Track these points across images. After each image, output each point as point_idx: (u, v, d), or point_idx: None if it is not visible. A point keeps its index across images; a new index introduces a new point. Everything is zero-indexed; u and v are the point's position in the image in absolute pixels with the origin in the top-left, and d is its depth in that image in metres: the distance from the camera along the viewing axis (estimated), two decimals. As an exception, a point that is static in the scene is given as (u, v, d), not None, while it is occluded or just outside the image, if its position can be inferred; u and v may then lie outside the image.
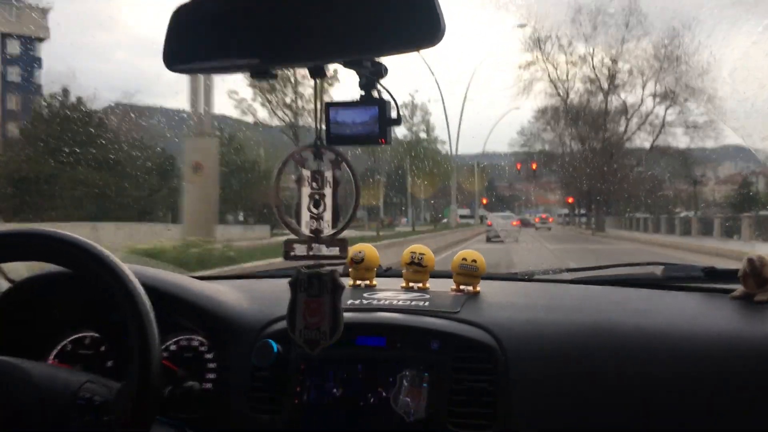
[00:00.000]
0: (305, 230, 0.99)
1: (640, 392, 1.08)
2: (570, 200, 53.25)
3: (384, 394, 1.16)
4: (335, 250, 0.99)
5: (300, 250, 0.98)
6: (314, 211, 0.99)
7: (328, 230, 0.99)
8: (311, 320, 1.00)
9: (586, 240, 26.90)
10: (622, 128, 40.22)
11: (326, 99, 1.01)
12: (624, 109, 39.75)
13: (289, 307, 1.01)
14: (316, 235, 0.98)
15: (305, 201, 0.99)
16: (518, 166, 48.13)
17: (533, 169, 48.31)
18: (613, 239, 28.08)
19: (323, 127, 0.99)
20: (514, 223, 28.83)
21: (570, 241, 25.15)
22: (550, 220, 51.38)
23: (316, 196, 0.99)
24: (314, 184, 1.00)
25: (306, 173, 1.00)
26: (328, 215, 1.00)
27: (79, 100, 22.71)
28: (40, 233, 1.04)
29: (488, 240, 23.75)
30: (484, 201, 55.80)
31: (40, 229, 1.04)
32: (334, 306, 0.99)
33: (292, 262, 1.00)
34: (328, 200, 0.99)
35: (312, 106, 1.04)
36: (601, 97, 39.68)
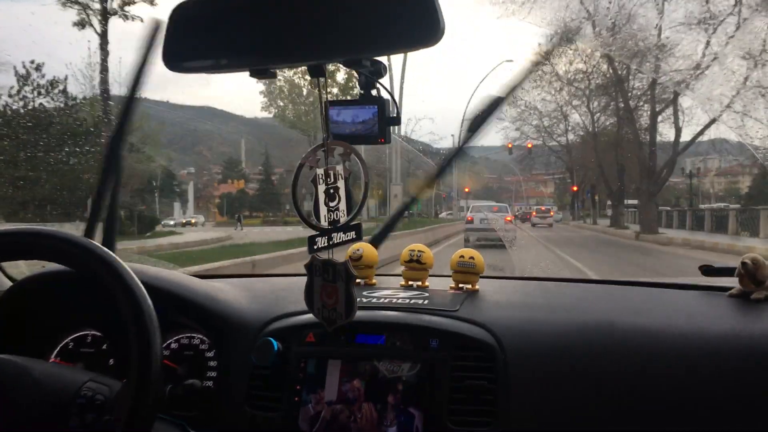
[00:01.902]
0: (324, 223, 1.06)
1: (639, 391, 1.09)
2: (575, 188, 43.91)
3: (383, 392, 1.17)
4: (351, 234, 1.07)
5: (322, 242, 1.06)
6: (331, 204, 1.06)
7: (343, 218, 1.06)
8: (328, 301, 1.09)
9: (645, 252, 15.75)
10: (691, 58, 14.87)
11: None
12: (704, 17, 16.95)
13: (305, 288, 1.11)
14: (334, 225, 1.06)
15: (322, 197, 1.06)
16: (509, 146, 37.87)
17: (528, 149, 38.33)
18: (690, 248, 15.69)
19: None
20: (508, 218, 19.44)
21: (617, 257, 14.36)
22: (551, 213, 39.98)
23: (331, 190, 1.06)
24: (328, 180, 1.06)
25: (320, 172, 1.05)
26: (342, 205, 1.06)
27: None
28: (41, 232, 1.04)
29: (467, 243, 14.59)
30: (467, 189, 47.48)
31: (41, 229, 1.05)
32: (348, 292, 1.07)
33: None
34: (342, 192, 1.06)
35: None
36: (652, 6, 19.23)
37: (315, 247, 1.06)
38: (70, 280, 1.28)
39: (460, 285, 1.41)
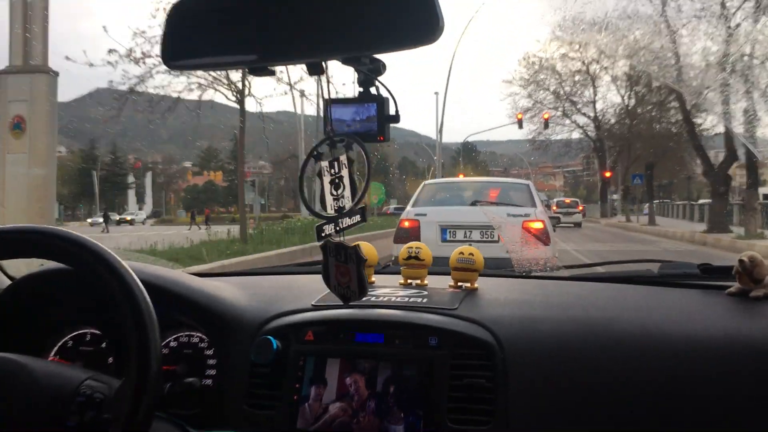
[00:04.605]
0: (331, 212, 1.10)
1: (638, 389, 1.09)
2: (608, 174, 32.37)
3: (383, 390, 1.17)
4: (356, 218, 1.10)
5: (329, 229, 1.11)
6: (335, 192, 1.09)
7: (348, 204, 1.09)
8: (342, 280, 1.13)
9: None
10: None
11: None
12: None
13: (323, 266, 1.16)
14: (340, 212, 1.09)
15: (327, 188, 1.10)
16: (518, 117, 28.31)
17: (545, 120, 29.52)
18: None
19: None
20: (533, 226, 6.18)
21: None
22: (579, 208, 30.22)
23: (336, 180, 1.09)
24: (333, 171, 1.09)
25: (324, 164, 1.10)
26: (347, 192, 1.09)
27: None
28: (39, 230, 1.04)
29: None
30: (461, 176, 31.23)
31: (39, 226, 1.05)
32: (359, 272, 1.11)
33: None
34: (346, 180, 1.09)
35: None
36: None
37: (323, 234, 1.10)
38: (69, 279, 1.28)
39: (459, 283, 1.41)
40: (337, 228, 1.10)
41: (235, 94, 13.37)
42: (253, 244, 12.24)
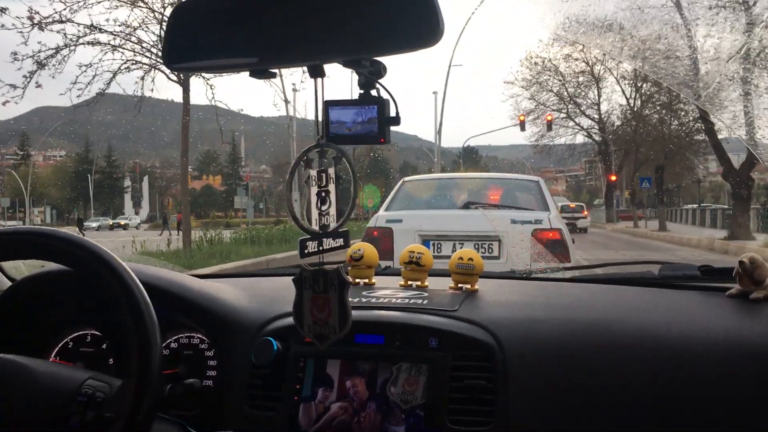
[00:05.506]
0: (316, 227, 1.03)
1: (638, 390, 1.09)
2: (613, 177, 30.90)
3: (383, 391, 1.17)
4: (339, 242, 1.04)
5: (312, 246, 1.03)
6: (322, 208, 1.03)
7: (333, 224, 1.04)
8: (319, 316, 1.04)
9: None
10: None
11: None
12: None
13: (294, 303, 1.05)
14: (324, 230, 1.03)
15: (314, 200, 1.04)
16: (521, 119, 26.87)
17: (548, 122, 27.92)
18: None
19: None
20: (547, 236, 4.71)
21: None
22: (585, 213, 29.02)
23: (323, 194, 1.03)
24: (320, 183, 1.04)
25: (313, 173, 1.04)
26: (332, 210, 1.04)
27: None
28: (40, 232, 1.04)
29: None
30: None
31: (40, 228, 1.06)
32: (342, 302, 1.02)
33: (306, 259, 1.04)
34: (332, 196, 1.04)
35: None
36: None
37: (306, 251, 1.03)
38: (69, 280, 1.29)
39: (460, 285, 1.41)
40: (320, 248, 1.03)
41: (176, 73, 11.21)
42: (187, 259, 10.40)
